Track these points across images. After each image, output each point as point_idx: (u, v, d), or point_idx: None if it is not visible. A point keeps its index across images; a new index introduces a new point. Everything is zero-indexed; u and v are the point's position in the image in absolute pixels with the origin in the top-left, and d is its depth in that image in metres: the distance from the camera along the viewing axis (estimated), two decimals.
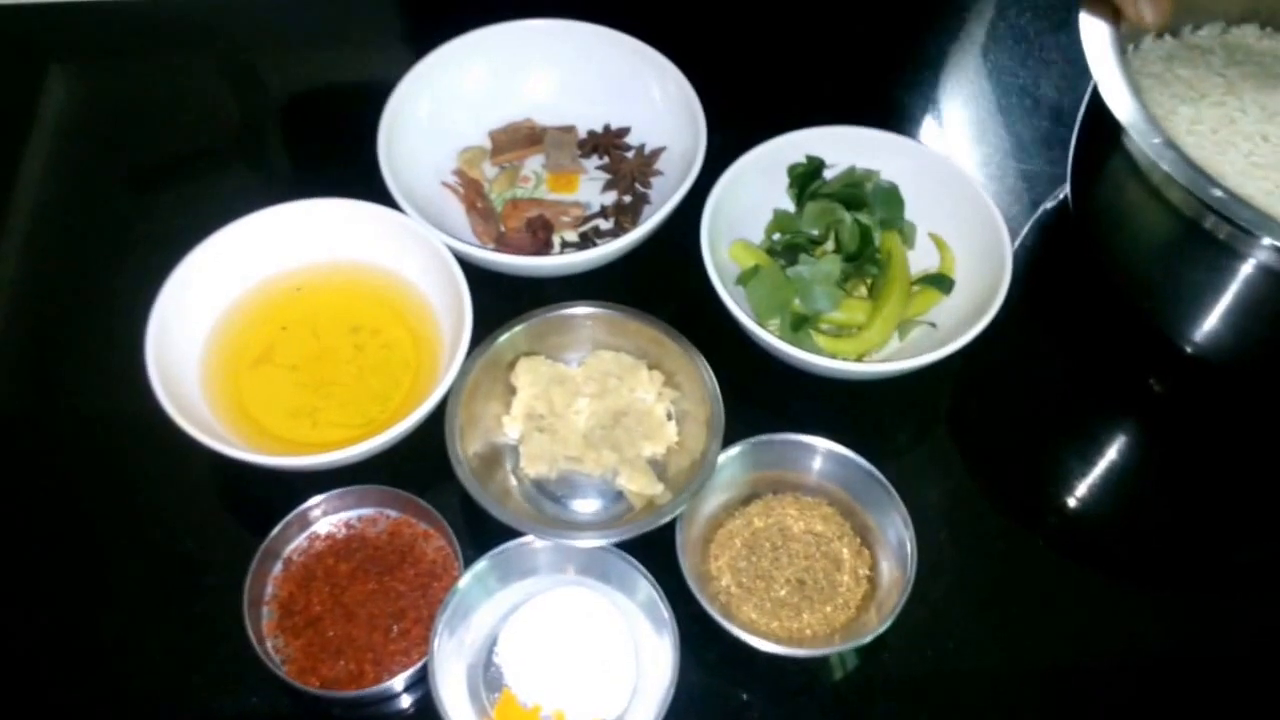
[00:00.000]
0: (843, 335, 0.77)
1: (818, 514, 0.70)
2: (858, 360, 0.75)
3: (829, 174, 0.81)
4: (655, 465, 0.72)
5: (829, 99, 0.92)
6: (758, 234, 0.81)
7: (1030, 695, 0.68)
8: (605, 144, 0.86)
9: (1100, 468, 0.76)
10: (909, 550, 0.66)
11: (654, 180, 0.85)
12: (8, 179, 0.86)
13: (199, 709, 0.66)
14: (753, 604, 0.67)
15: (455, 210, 0.83)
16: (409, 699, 0.65)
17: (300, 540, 0.69)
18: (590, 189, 0.85)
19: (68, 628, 0.67)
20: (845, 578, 0.68)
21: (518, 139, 0.87)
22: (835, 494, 0.70)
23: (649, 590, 0.65)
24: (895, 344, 0.77)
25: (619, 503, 0.71)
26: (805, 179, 0.80)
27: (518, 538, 0.66)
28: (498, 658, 0.64)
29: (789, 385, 0.76)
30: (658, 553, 0.66)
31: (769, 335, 0.72)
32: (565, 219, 0.83)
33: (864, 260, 0.77)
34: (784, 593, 0.67)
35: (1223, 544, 0.74)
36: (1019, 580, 0.72)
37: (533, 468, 0.71)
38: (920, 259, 0.80)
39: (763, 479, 0.71)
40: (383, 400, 0.73)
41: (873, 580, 0.68)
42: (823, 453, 0.70)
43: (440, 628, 0.63)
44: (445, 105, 0.85)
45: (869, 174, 0.81)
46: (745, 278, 0.76)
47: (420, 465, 0.70)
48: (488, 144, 0.87)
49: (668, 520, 0.66)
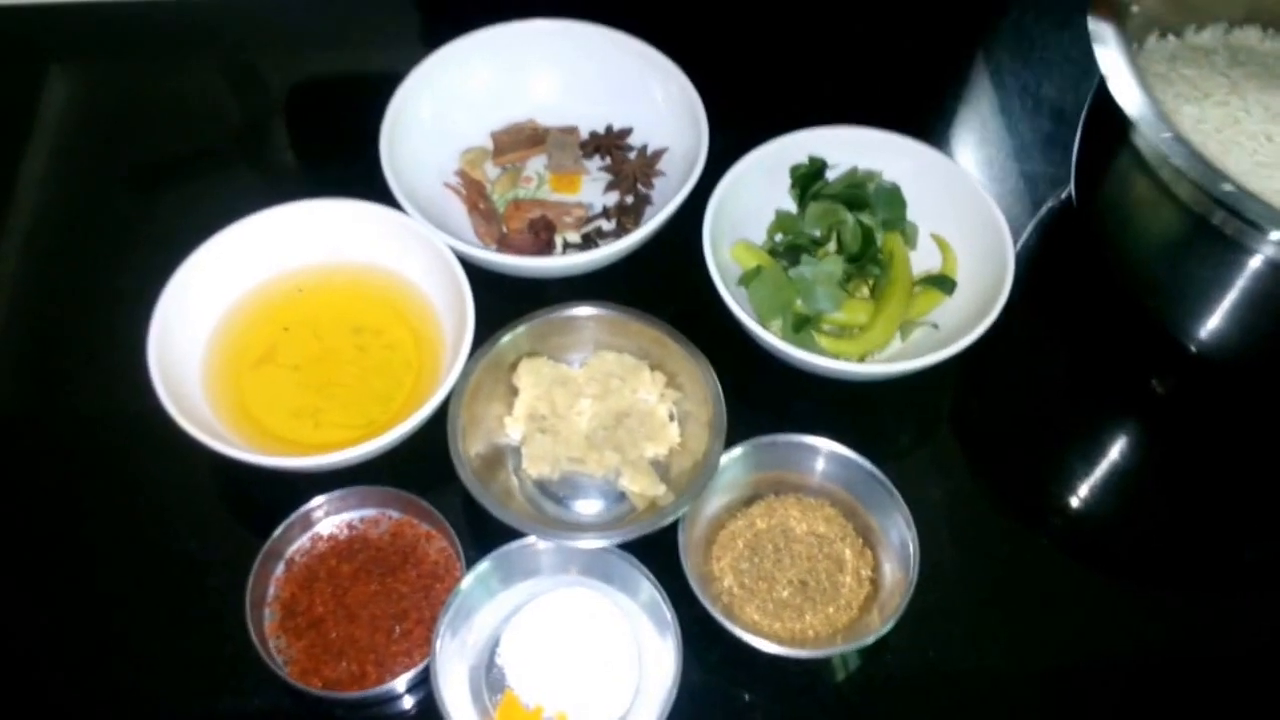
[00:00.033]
0: (845, 336, 0.77)
1: (820, 515, 0.70)
2: (860, 361, 0.75)
3: (831, 175, 0.81)
4: (657, 466, 0.72)
5: (831, 100, 0.92)
6: (760, 235, 0.81)
7: (1033, 696, 0.68)
8: (607, 145, 0.86)
9: (1103, 468, 0.76)
10: (911, 551, 0.66)
11: (656, 181, 0.85)
12: (9, 179, 0.86)
13: (201, 710, 0.66)
14: (755, 605, 0.67)
15: (457, 211, 0.83)
16: (411, 700, 0.65)
17: (302, 541, 0.69)
18: (592, 190, 0.85)
19: (70, 628, 0.67)
20: (848, 579, 0.68)
21: (520, 140, 0.86)
22: (838, 495, 0.70)
23: (651, 591, 0.65)
24: (897, 345, 0.77)
25: (621, 504, 0.71)
26: (807, 180, 0.80)
27: (520, 539, 0.66)
28: (500, 659, 0.64)
29: (791, 386, 0.76)
30: (660, 554, 0.66)
31: (771, 336, 0.72)
32: (567, 220, 0.83)
33: (866, 261, 0.77)
34: (786, 594, 0.67)
35: (1226, 544, 0.74)
36: (1022, 581, 0.72)
37: (535, 469, 0.71)
38: (922, 260, 0.80)
39: (765, 480, 0.71)
40: (385, 401, 0.73)
41: (875, 581, 0.68)
42: (825, 454, 0.70)
43: (442, 629, 0.63)
44: (448, 106, 0.85)
45: (871, 175, 0.81)
46: (747, 278, 0.76)
47: (422, 466, 0.70)
48: (490, 145, 0.87)
49: (670, 521, 0.66)
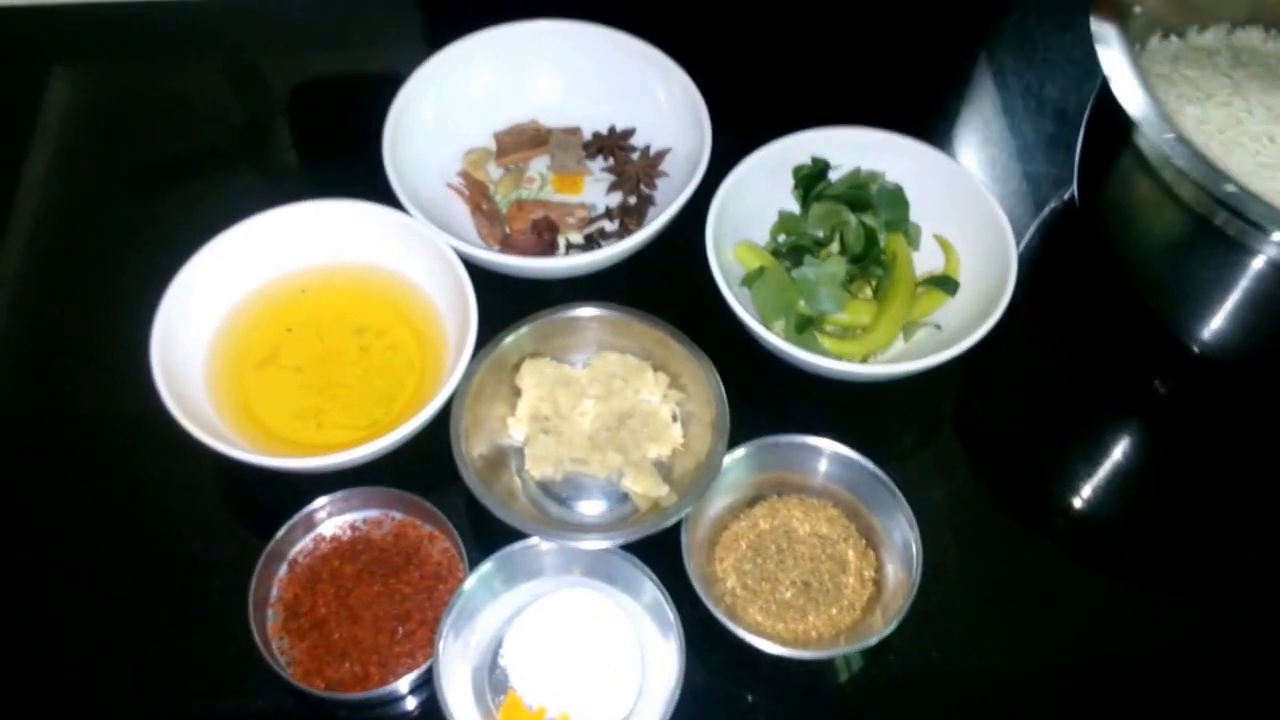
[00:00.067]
0: (848, 337, 0.77)
1: (823, 516, 0.70)
2: (863, 362, 0.75)
3: (834, 175, 0.81)
4: (660, 467, 0.72)
5: (834, 101, 0.92)
6: (763, 235, 0.81)
7: (1036, 696, 0.68)
8: (610, 145, 0.86)
9: (1106, 469, 0.76)
10: (914, 552, 0.66)
11: (659, 182, 0.85)
12: (12, 180, 0.86)
13: (203, 711, 0.66)
14: (758, 606, 0.67)
15: (460, 212, 0.83)
16: (414, 701, 0.65)
17: (305, 542, 0.69)
18: (595, 190, 0.85)
19: (72, 629, 0.67)
20: (850, 579, 0.68)
21: (523, 140, 0.86)
22: (840, 496, 0.70)
23: (654, 592, 0.65)
24: (900, 345, 0.77)
25: (624, 505, 0.71)
26: (810, 180, 0.80)
27: (523, 539, 0.66)
28: (503, 660, 0.64)
29: (794, 387, 0.76)
30: (663, 555, 0.66)
31: (774, 337, 0.72)
32: (570, 220, 0.83)
33: (869, 262, 0.77)
34: (789, 595, 0.67)
35: (1229, 545, 0.74)
36: (1024, 581, 0.72)
37: (538, 469, 0.71)
38: (925, 260, 0.80)
39: (768, 481, 0.71)
40: (388, 402, 0.73)
41: (878, 582, 0.68)
42: (828, 454, 0.70)
43: (445, 630, 0.63)
44: (450, 106, 0.85)
45: (874, 176, 0.81)
46: (750, 279, 0.76)
47: (425, 467, 0.70)
48: (493, 145, 0.87)
49: (673, 522, 0.66)
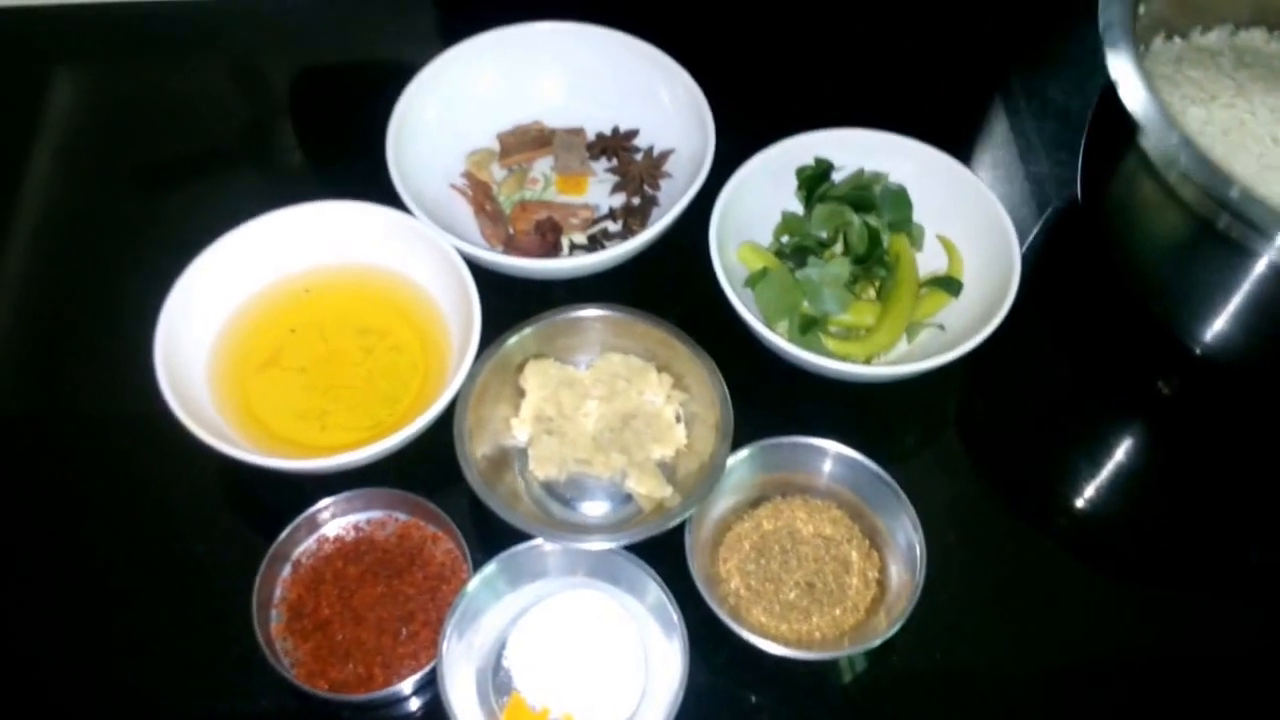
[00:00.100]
0: (851, 338, 0.77)
1: (827, 517, 0.70)
2: (866, 363, 0.75)
3: (837, 176, 0.81)
4: (664, 468, 0.72)
5: (837, 102, 0.92)
6: (766, 236, 0.81)
7: (1040, 697, 0.68)
8: (614, 146, 0.86)
9: (1109, 470, 0.76)
10: (918, 553, 0.66)
11: (662, 182, 0.85)
12: (15, 181, 0.86)
13: (207, 712, 0.66)
14: (762, 607, 0.67)
15: (464, 213, 0.83)
16: (418, 702, 0.65)
17: (309, 543, 0.69)
18: (599, 191, 0.85)
19: (76, 630, 0.67)
20: (854, 580, 0.68)
21: (526, 141, 0.86)
22: (844, 497, 0.70)
23: (658, 593, 0.65)
24: (904, 346, 0.77)
25: (628, 505, 0.71)
26: (814, 181, 0.80)
27: (526, 540, 0.66)
28: (507, 661, 0.64)
29: (797, 388, 0.76)
30: (667, 555, 0.65)
31: (777, 338, 0.72)
32: (574, 221, 0.83)
33: (872, 262, 0.77)
34: (793, 595, 0.67)
35: (1232, 546, 0.74)
36: (1028, 582, 0.71)
37: (541, 470, 0.71)
38: (928, 261, 0.80)
39: (771, 481, 0.71)
40: (391, 403, 0.73)
41: (882, 583, 0.68)
42: (831, 455, 0.70)
43: (449, 631, 0.63)
44: (454, 107, 0.85)
45: (877, 176, 0.81)
46: (754, 280, 0.76)
47: (429, 468, 0.70)
48: (496, 146, 0.87)
49: (677, 523, 0.66)
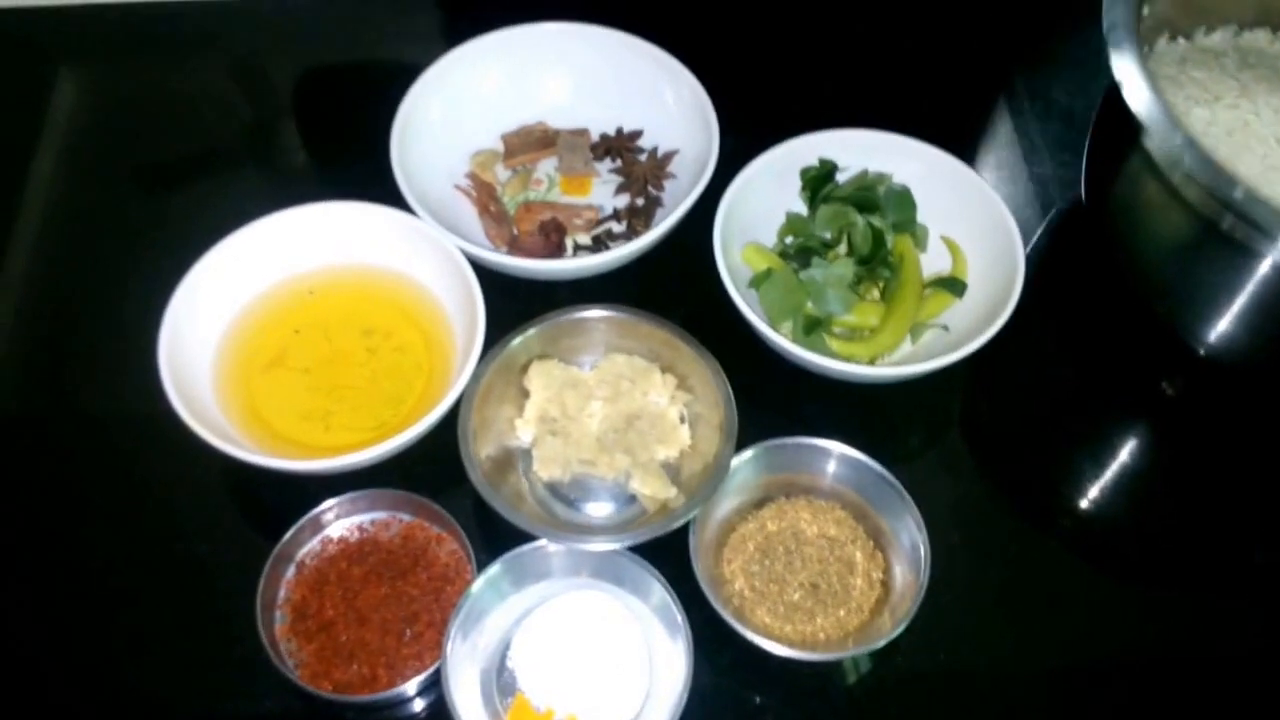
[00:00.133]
0: (855, 338, 0.77)
1: (831, 517, 0.70)
2: (870, 363, 0.75)
3: (841, 177, 0.81)
4: (668, 469, 0.71)
5: (841, 102, 0.92)
6: (770, 237, 0.81)
7: (1044, 697, 0.68)
8: (618, 147, 0.86)
9: (1113, 471, 0.76)
10: (922, 554, 0.66)
11: (667, 183, 0.85)
12: (19, 182, 0.87)
13: (211, 713, 0.66)
14: (766, 608, 0.67)
15: (468, 213, 0.83)
16: (422, 703, 0.65)
17: (313, 544, 0.69)
18: (603, 192, 0.85)
19: (80, 630, 0.68)
20: (858, 581, 0.68)
21: (530, 142, 0.86)
22: (848, 497, 0.70)
23: (662, 594, 0.65)
24: (908, 347, 0.77)
25: (632, 506, 0.71)
26: (818, 182, 0.80)
27: (531, 541, 0.66)
28: (511, 662, 0.64)
29: (801, 388, 0.76)
30: (671, 556, 0.65)
31: (782, 338, 0.72)
32: (578, 222, 0.83)
33: (876, 263, 0.77)
34: (797, 596, 0.67)
35: (1236, 546, 0.74)
36: (1032, 583, 0.71)
37: (545, 471, 0.71)
38: (932, 262, 0.80)
39: (776, 482, 0.71)
40: (395, 403, 0.73)
41: (886, 584, 0.68)
42: (836, 456, 0.70)
43: (453, 632, 0.63)
44: (458, 108, 0.85)
45: (881, 177, 0.81)
46: (758, 281, 0.76)
47: (433, 469, 0.70)
48: (500, 147, 0.87)
49: (681, 524, 0.66)
